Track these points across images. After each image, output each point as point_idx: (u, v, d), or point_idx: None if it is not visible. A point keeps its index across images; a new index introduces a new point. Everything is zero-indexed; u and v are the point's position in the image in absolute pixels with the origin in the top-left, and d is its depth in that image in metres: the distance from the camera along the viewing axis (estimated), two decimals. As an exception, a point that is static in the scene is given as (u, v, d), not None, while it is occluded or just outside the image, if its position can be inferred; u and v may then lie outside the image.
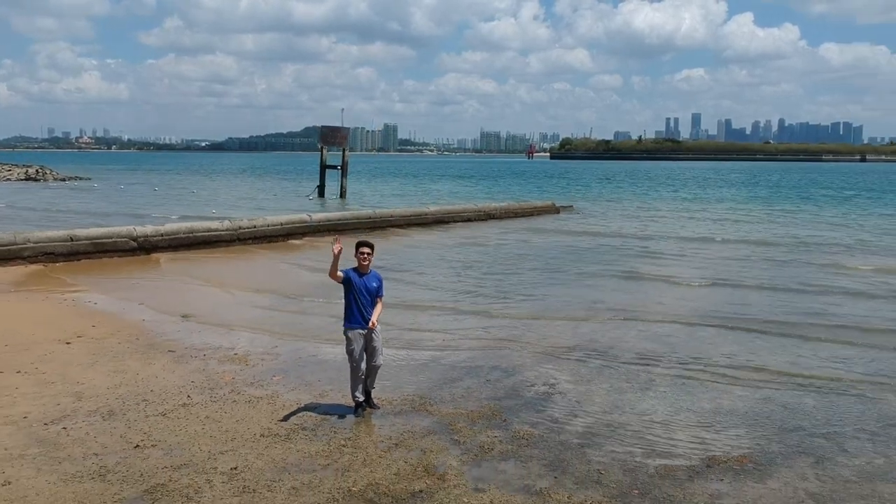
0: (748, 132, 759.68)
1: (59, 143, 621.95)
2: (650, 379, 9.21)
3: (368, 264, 7.85)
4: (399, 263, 18.91)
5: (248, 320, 12.35)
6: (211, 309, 13.19)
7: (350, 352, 7.75)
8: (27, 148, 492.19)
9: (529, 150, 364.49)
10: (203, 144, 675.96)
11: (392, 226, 26.26)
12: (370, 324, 7.67)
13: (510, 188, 66.43)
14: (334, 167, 45.40)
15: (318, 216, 24.59)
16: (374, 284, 7.81)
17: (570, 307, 13.82)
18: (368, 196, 49.48)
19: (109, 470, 6.31)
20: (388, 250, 20.74)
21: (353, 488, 6.04)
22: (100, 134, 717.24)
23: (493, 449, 6.90)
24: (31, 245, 17.83)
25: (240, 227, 22.00)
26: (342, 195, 44.85)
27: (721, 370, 9.63)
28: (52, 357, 9.73)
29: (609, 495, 5.98)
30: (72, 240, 18.56)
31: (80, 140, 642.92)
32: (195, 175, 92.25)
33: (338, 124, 50.05)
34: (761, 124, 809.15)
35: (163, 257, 19.45)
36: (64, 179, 67.17)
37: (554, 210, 34.02)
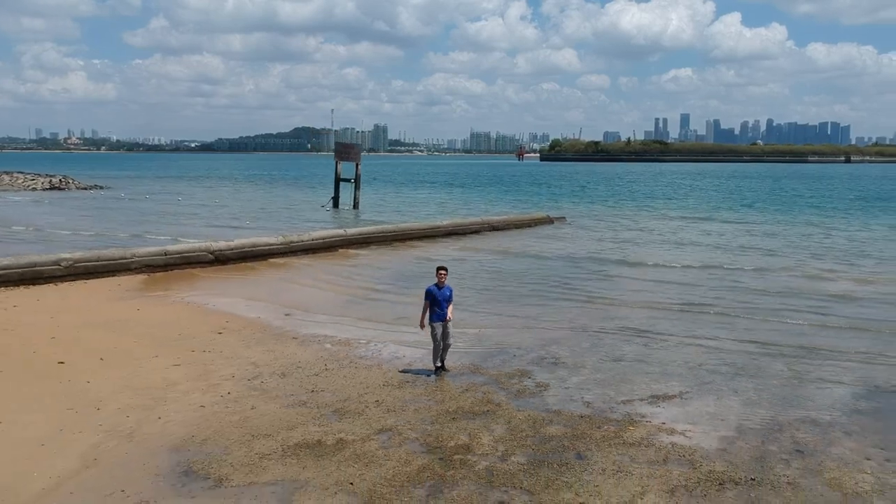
0: (737, 132, 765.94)
1: (47, 143, 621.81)
2: (623, 352, 13.87)
3: (444, 281, 12.41)
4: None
5: (336, 315, 16.93)
6: (304, 307, 17.73)
7: (434, 336, 12.35)
8: (15, 149, 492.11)
9: (520, 152, 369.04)
10: (192, 145, 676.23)
11: (411, 238, 30.84)
12: (446, 318, 12.28)
13: (506, 196, 70.83)
14: (348, 180, 50.01)
15: (352, 231, 29.17)
16: (447, 294, 12.40)
17: (556, 313, 18.49)
18: (379, 206, 53.81)
19: (304, 402, 10.90)
20: (411, 259, 25.39)
21: (449, 409, 10.65)
22: (87, 134, 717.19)
23: (525, 391, 11.54)
24: (137, 259, 22.34)
25: (291, 241, 26.54)
26: (355, 206, 49.32)
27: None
28: (217, 342, 14.29)
29: (594, 416, 10.60)
30: (165, 254, 23.08)
31: (68, 141, 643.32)
32: (206, 181, 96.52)
33: (327, 125, 54.92)
34: (750, 124, 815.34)
35: (235, 268, 23.96)
36: (86, 188, 71.26)
37: (548, 221, 38.67)
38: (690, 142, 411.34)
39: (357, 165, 49.22)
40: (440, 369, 12.48)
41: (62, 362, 12.61)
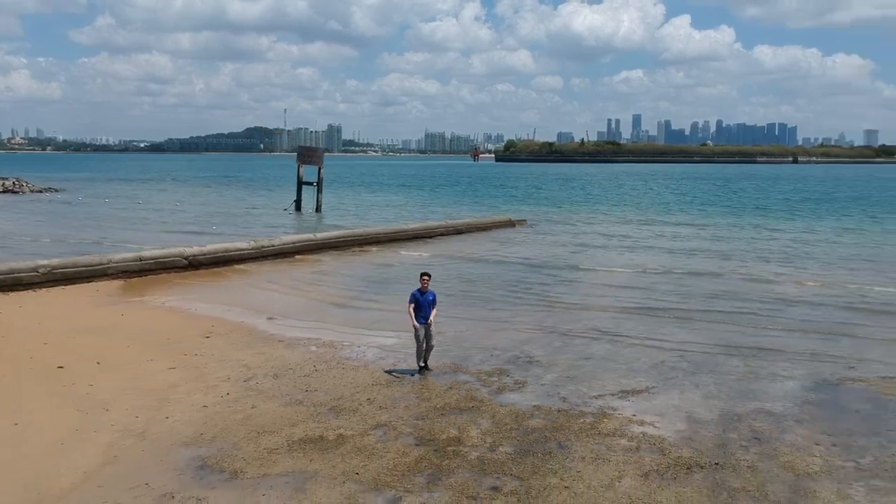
0: (687, 133, 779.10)
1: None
2: (592, 352, 14.84)
3: (427, 286, 13.23)
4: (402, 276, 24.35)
5: (317, 318, 17.64)
6: (284, 311, 18.39)
7: (417, 337, 13.17)
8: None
9: (475, 152, 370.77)
10: (142, 145, 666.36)
11: (379, 242, 31.60)
12: (428, 320, 13.11)
13: (464, 199, 71.79)
14: (310, 183, 50.54)
15: (321, 235, 29.82)
16: (431, 298, 13.22)
17: (525, 316, 19.45)
18: (339, 209, 54.28)
19: (301, 402, 11.64)
20: (385, 263, 26.20)
21: (437, 406, 11.49)
22: (32, 134, 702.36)
23: (505, 388, 12.43)
24: (113, 265, 22.75)
25: (262, 247, 27.11)
26: (318, 209, 49.84)
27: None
28: (206, 346, 14.93)
29: (571, 410, 11.52)
30: (141, 260, 23.51)
31: (12, 141, 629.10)
32: (162, 183, 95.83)
33: (280, 125, 55.43)
34: (700, 125, 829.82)
35: (209, 273, 24.46)
36: (40, 191, 70.45)
37: (510, 224, 39.71)
38: (642, 142, 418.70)
39: (320, 169, 49.79)
40: (424, 369, 13.30)
41: (61, 367, 13.16)
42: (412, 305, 13.19)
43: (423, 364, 13.33)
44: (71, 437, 9.98)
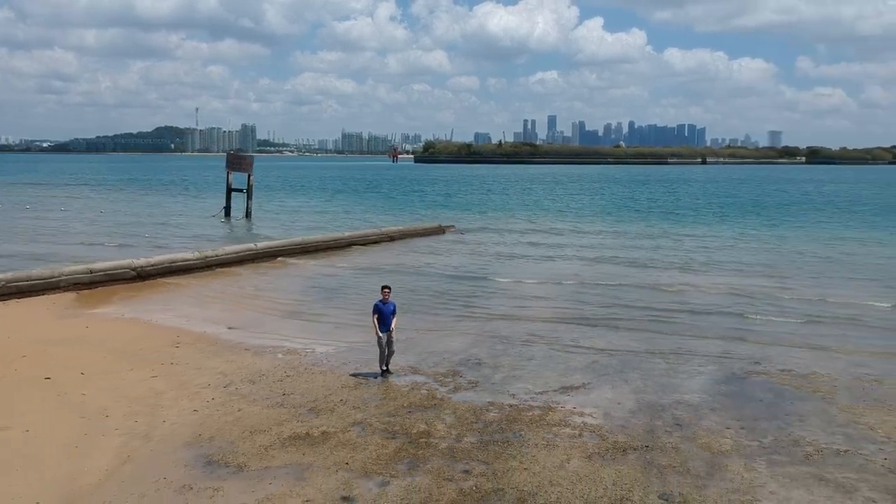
0: (601, 134, 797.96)
1: None
2: (532, 354, 16.61)
3: (388, 297, 14.74)
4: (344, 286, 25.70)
5: (275, 328, 18.90)
6: (241, 322, 19.56)
7: (379, 343, 14.66)
8: None
9: (394, 153, 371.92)
10: (45, 145, 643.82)
11: (317, 249, 32.82)
12: (390, 329, 14.62)
13: (390, 204, 73.11)
14: (240, 190, 51.15)
15: (262, 244, 30.90)
16: (391, 308, 14.73)
17: (467, 322, 21.15)
18: (264, 215, 54.88)
19: (281, 404, 13.01)
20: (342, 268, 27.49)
21: (403, 404, 13.03)
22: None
23: (460, 387, 14.06)
24: (65, 277, 23.42)
25: (207, 256, 28.04)
26: (248, 216, 50.49)
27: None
28: (179, 355, 16.08)
29: (521, 405, 13.22)
30: (91, 272, 24.22)
31: None
32: (77, 188, 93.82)
33: (191, 124, 55.88)
34: (613, 126, 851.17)
35: (158, 282, 25.31)
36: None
37: (440, 231, 41.41)
38: (558, 144, 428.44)
39: (249, 176, 50.47)
40: (386, 372, 14.81)
41: (48, 378, 14.16)
42: (375, 316, 14.67)
43: (384, 368, 14.83)
44: (83, 441, 11.14)
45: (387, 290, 14.84)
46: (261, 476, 10.05)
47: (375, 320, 14.63)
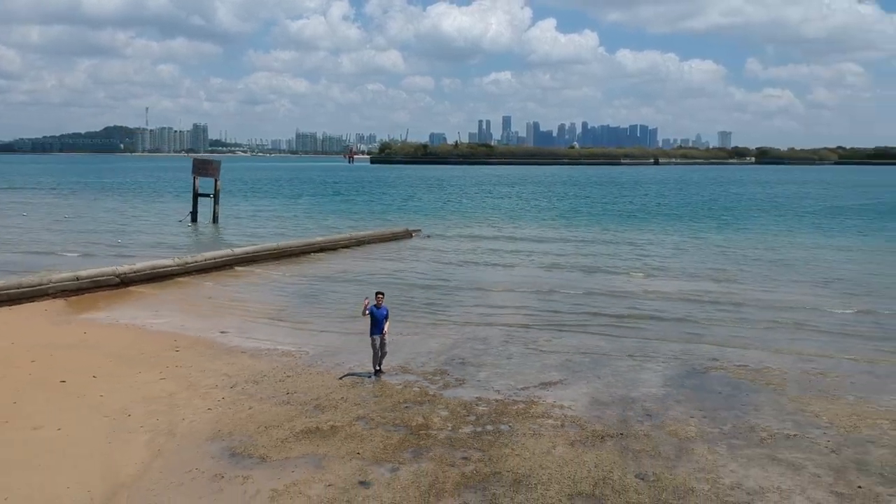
0: (555, 134, 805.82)
1: None
2: (511, 353, 18.00)
3: (381, 302, 15.98)
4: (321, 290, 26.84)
5: (265, 332, 19.99)
6: (231, 327, 20.61)
7: (373, 345, 15.90)
8: None
9: (349, 154, 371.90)
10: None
11: (291, 255, 33.87)
12: (383, 332, 15.87)
13: (352, 207, 74.04)
14: (207, 195, 51.79)
15: (239, 250, 31.84)
16: (384, 312, 15.97)
17: (445, 325, 22.49)
18: (231, 219, 55.52)
19: (287, 402, 14.19)
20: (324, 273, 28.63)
21: (400, 400, 14.29)
22: None
23: (449, 384, 15.38)
24: (53, 284, 24.18)
25: (187, 262, 28.94)
26: (215, 220, 51.15)
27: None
28: (181, 358, 17.12)
29: (506, 399, 14.58)
30: (77, 279, 24.99)
31: None
32: (31, 192, 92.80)
33: (141, 124, 56.17)
34: (566, 126, 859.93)
35: (141, 288, 26.17)
36: None
37: (408, 235, 42.68)
38: (514, 145, 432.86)
39: (216, 181, 51.15)
40: (378, 372, 16.05)
41: (63, 381, 15.14)
42: (369, 319, 15.91)
43: (378, 368, 16.08)
44: (113, 437, 12.21)
45: (380, 296, 16.09)
46: (283, 465, 11.24)
47: (369, 317, 15.79)
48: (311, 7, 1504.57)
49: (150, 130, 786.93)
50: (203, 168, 52.38)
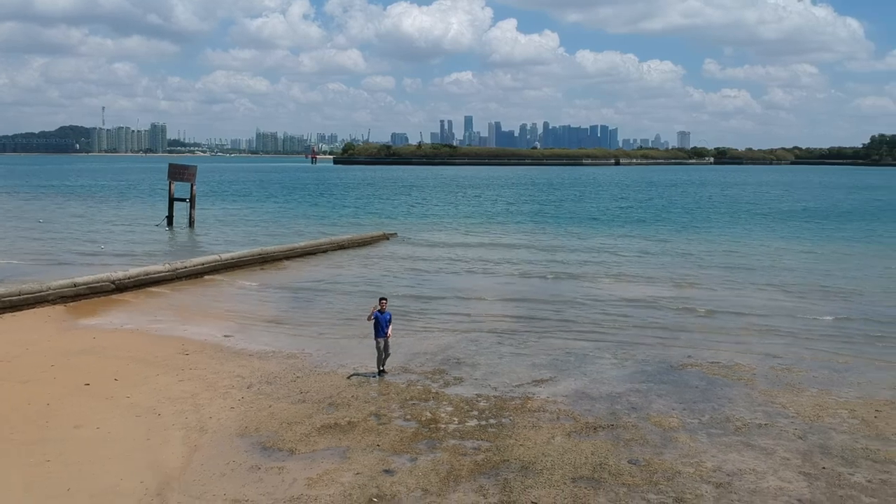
0: (516, 134, 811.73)
1: None
2: (501, 353, 19.33)
3: (385, 307, 17.20)
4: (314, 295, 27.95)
5: (266, 336, 21.08)
6: (233, 330, 21.65)
7: (378, 348, 17.13)
8: None
9: (312, 154, 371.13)
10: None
11: (276, 259, 34.89)
12: (387, 334, 17.10)
13: (324, 211, 74.85)
14: (182, 199, 52.43)
15: (226, 255, 32.78)
16: (388, 317, 17.21)
17: (436, 326, 23.77)
18: (209, 224, 56.12)
19: (303, 400, 15.35)
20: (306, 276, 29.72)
21: (407, 398, 15.55)
22: None
23: (450, 382, 16.67)
24: (52, 291, 24.98)
25: (177, 268, 29.84)
26: (191, 224, 51.81)
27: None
28: (193, 361, 18.17)
29: (504, 396, 15.91)
30: (75, 286, 25.82)
31: None
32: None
33: (97, 123, 56.38)
34: (528, 127, 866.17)
35: (135, 294, 27.03)
36: None
37: (385, 238, 43.92)
38: (477, 146, 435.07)
39: (192, 185, 51.85)
40: (382, 372, 17.28)
41: (88, 384, 16.13)
42: (374, 323, 17.13)
43: (381, 368, 17.30)
44: (151, 434, 13.29)
45: (384, 301, 17.33)
46: (312, 457, 12.44)
47: (374, 325, 17.04)
48: (270, 6, 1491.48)
49: (107, 130, 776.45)
50: (179, 173, 52.99)
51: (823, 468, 12.16)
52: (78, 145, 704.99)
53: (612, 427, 13.96)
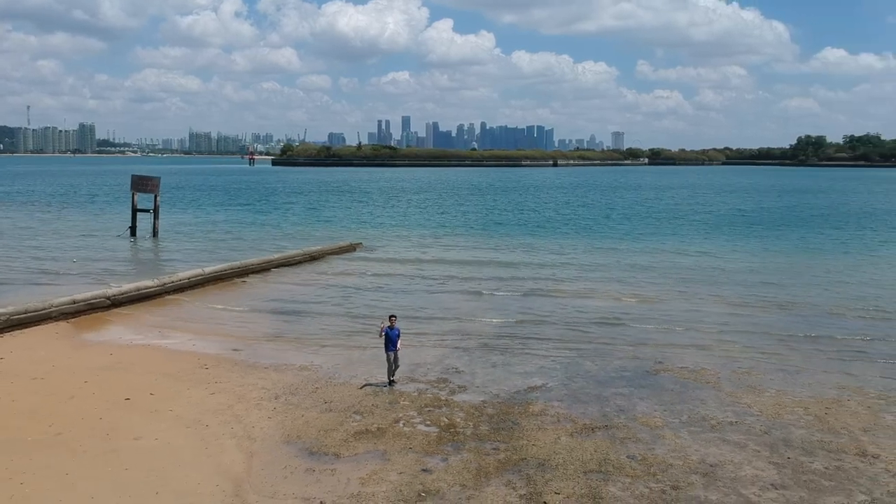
0: (454, 135, 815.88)
1: None
2: (494, 362, 21.41)
3: (394, 324, 19.10)
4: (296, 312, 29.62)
5: (272, 349, 22.74)
6: (239, 345, 23.23)
7: (388, 360, 19.04)
8: None
9: (250, 155, 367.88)
10: None
11: (254, 272, 36.38)
12: (396, 349, 19.02)
13: (280, 219, 75.76)
14: (146, 210, 53.17)
15: (209, 269, 34.16)
16: (397, 332, 19.11)
17: (429, 338, 25.75)
18: (170, 234, 56.77)
19: (330, 409, 17.17)
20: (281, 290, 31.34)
21: (421, 405, 17.50)
22: None
23: (455, 390, 18.69)
24: (55, 308, 26.16)
25: (165, 283, 31.16)
26: (155, 234, 52.61)
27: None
28: (215, 375, 19.78)
29: (507, 401, 17.98)
30: (74, 302, 27.02)
31: None
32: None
33: (22, 123, 56.74)
34: (465, 127, 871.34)
35: (130, 309, 28.30)
36: None
37: (352, 248, 45.67)
38: (417, 147, 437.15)
39: (156, 196, 52.74)
40: (392, 382, 19.19)
41: (128, 399, 17.67)
42: (384, 338, 19.02)
43: (392, 379, 19.22)
44: (207, 443, 14.99)
45: (394, 318, 19.25)
46: (356, 460, 14.34)
47: (384, 340, 18.93)
48: (201, 3, 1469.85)
49: (33, 130, 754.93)
50: (143, 184, 53.77)
51: (788, 458, 14.57)
52: (2, 146, 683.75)
53: (607, 427, 16.18)
